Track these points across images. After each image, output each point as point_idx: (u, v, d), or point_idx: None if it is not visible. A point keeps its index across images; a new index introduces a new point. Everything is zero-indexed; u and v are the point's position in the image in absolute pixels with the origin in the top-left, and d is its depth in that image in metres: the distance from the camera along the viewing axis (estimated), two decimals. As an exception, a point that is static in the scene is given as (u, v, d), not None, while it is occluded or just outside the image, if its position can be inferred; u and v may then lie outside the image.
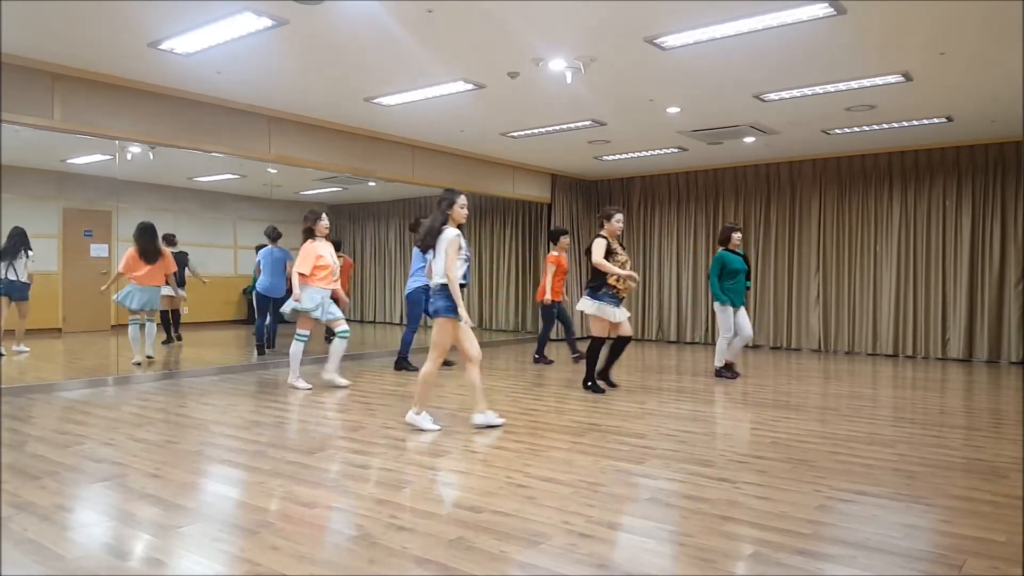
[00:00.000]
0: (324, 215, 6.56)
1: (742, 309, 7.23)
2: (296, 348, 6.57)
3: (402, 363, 7.96)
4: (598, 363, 6.37)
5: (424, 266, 7.05)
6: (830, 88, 6.57)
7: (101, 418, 5.18)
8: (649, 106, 7.39)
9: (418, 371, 6.96)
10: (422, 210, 14.12)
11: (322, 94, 7.07)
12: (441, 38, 5.41)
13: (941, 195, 9.29)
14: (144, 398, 6.01)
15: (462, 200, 4.86)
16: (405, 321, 8.05)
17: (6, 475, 3.64)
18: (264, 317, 8.70)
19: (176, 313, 9.77)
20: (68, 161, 9.68)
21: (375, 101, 7.18)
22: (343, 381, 6.67)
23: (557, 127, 8.34)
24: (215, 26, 5.13)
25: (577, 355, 8.34)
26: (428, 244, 4.83)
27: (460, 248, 4.70)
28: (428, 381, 4.85)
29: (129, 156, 7.91)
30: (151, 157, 8.20)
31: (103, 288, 8.10)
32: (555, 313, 8.41)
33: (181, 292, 9.45)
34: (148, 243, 7.66)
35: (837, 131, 8.40)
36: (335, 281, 6.54)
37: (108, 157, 7.77)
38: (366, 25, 5.10)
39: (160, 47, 5.57)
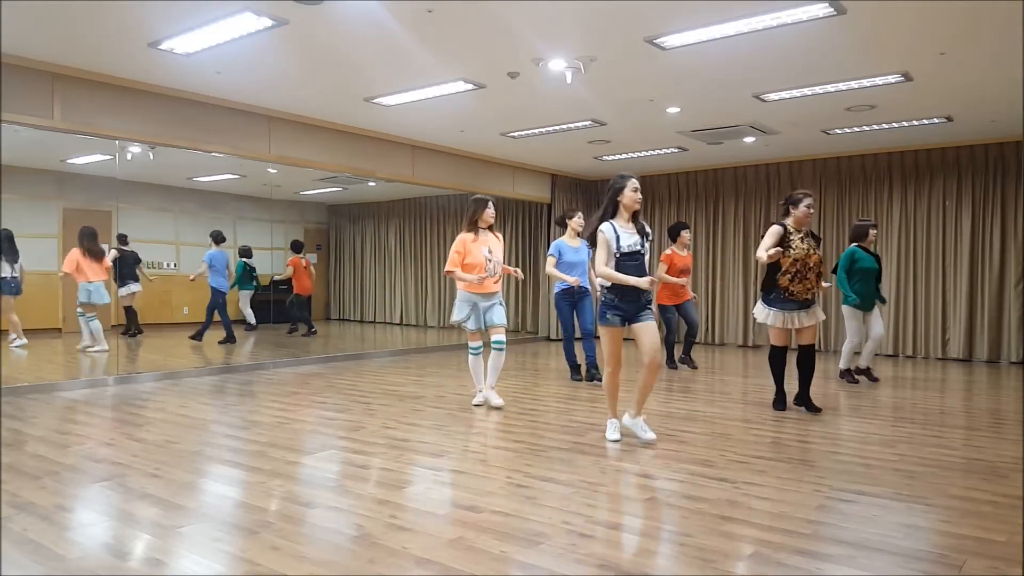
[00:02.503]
0: (491, 203, 5.63)
1: (875, 312, 6.75)
2: (471, 362, 5.75)
3: (592, 372, 6.88)
4: (784, 380, 5.56)
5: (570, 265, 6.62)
6: (830, 88, 6.57)
7: (101, 418, 5.19)
8: (649, 106, 7.39)
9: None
10: (422, 210, 14.13)
11: (322, 94, 7.07)
12: (441, 38, 5.41)
13: (941, 195, 9.29)
14: (144, 398, 6.01)
15: (633, 184, 4.31)
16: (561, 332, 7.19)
17: (6, 475, 3.64)
18: (224, 314, 9.62)
19: (131, 309, 10.04)
20: (68, 161, 9.68)
21: (375, 101, 7.18)
22: (497, 400, 5.64)
23: (557, 127, 8.34)
24: (215, 26, 5.13)
25: (672, 364, 7.89)
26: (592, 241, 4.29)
27: (609, 245, 4.18)
28: (611, 389, 4.47)
29: (129, 156, 7.93)
30: (151, 157, 8.23)
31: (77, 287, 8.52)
32: (672, 316, 7.80)
33: (136, 288, 9.90)
34: (95, 243, 8.48)
35: (837, 131, 8.40)
36: (495, 282, 5.53)
37: (108, 157, 7.78)
38: (366, 25, 5.10)
39: (160, 47, 5.57)
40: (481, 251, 5.50)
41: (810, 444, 4.44)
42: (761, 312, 5.41)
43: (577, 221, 6.83)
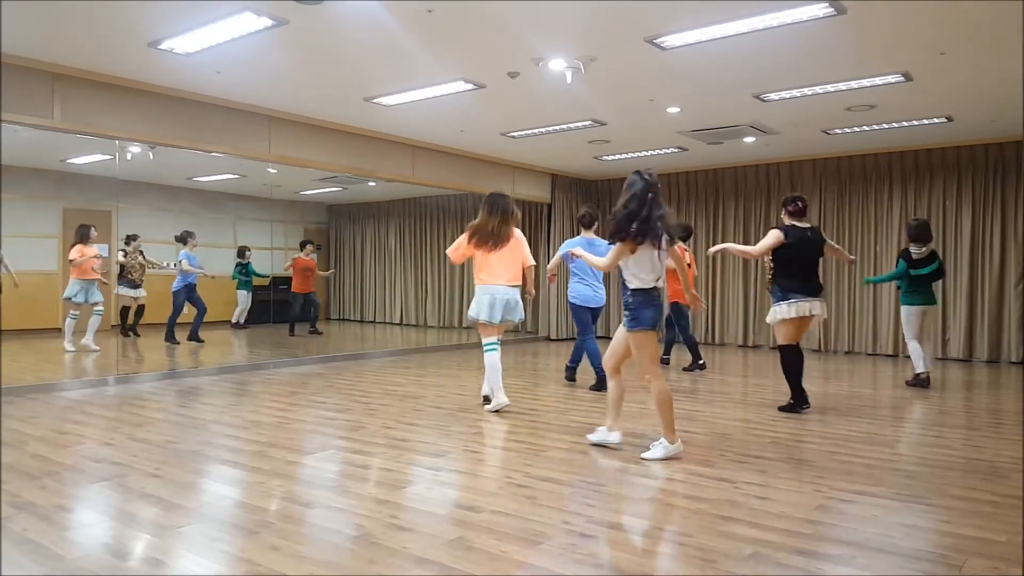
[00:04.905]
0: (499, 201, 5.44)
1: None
2: (488, 359, 5.49)
3: (599, 384, 6.46)
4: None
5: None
6: (830, 88, 6.57)
7: (101, 418, 5.18)
8: (649, 106, 7.39)
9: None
10: (422, 210, 14.14)
11: (322, 94, 7.07)
12: (441, 38, 5.41)
13: (941, 195, 9.29)
14: (144, 398, 6.01)
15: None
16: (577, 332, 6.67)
17: (6, 475, 3.64)
18: (178, 313, 9.66)
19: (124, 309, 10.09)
20: (68, 161, 9.68)
21: (375, 101, 7.18)
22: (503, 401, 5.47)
23: (557, 127, 8.34)
24: (215, 26, 5.13)
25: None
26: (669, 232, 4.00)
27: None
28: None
29: (129, 156, 7.93)
30: (151, 157, 8.23)
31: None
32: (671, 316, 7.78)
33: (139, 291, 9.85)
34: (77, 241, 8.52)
35: (837, 131, 8.40)
36: (508, 279, 5.38)
37: (108, 157, 7.78)
38: (366, 25, 5.10)
39: (160, 47, 5.57)
40: (494, 253, 5.46)
41: (810, 444, 4.44)
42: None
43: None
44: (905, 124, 8.01)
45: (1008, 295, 8.83)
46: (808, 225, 5.47)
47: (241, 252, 11.68)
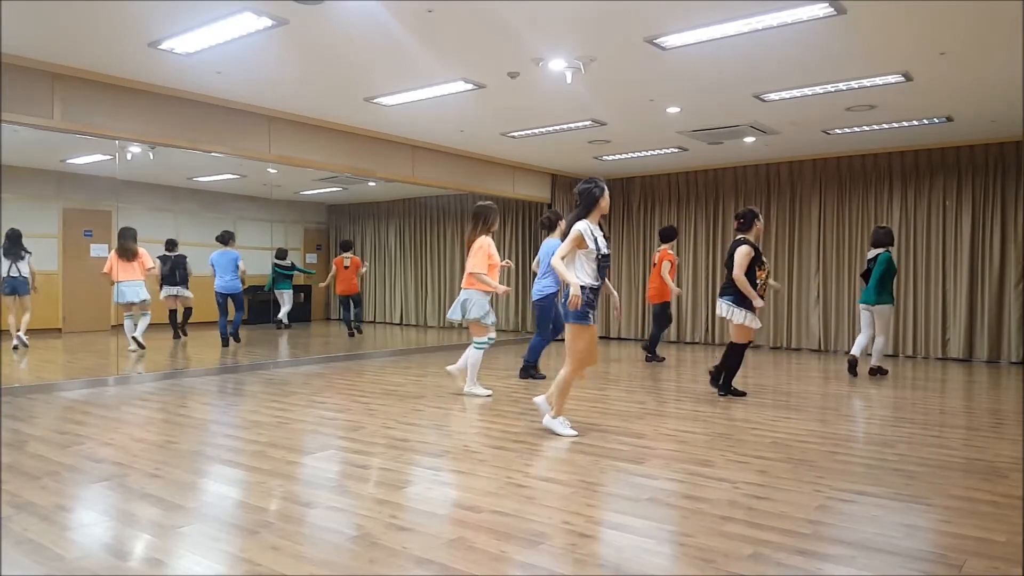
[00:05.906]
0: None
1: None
2: (479, 357, 6.13)
3: (528, 371, 7.27)
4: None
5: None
6: (830, 88, 6.57)
7: (101, 418, 5.18)
8: (649, 106, 7.39)
9: (544, 378, 7.06)
10: (422, 210, 14.15)
11: (322, 94, 7.07)
12: (441, 38, 5.41)
13: (941, 195, 9.29)
14: (144, 398, 6.01)
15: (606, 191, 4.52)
16: (534, 328, 7.38)
17: (6, 475, 3.64)
18: (225, 315, 9.43)
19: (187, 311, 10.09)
20: (68, 161, 9.68)
21: (375, 101, 7.18)
22: (483, 391, 6.14)
23: (557, 127, 8.34)
24: (215, 26, 5.13)
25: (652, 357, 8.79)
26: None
27: (586, 243, 4.37)
28: (566, 388, 4.62)
29: (129, 156, 7.92)
30: (151, 157, 8.23)
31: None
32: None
33: (185, 292, 9.81)
34: (127, 244, 8.50)
35: (837, 131, 8.40)
36: (464, 282, 6.13)
37: (108, 157, 7.77)
38: (366, 25, 5.10)
39: (160, 47, 5.57)
40: (496, 255, 6.06)
41: (810, 444, 4.44)
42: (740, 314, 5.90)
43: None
44: (905, 124, 8.01)
45: (1008, 295, 8.83)
46: (737, 237, 6.01)
47: (282, 254, 11.74)
